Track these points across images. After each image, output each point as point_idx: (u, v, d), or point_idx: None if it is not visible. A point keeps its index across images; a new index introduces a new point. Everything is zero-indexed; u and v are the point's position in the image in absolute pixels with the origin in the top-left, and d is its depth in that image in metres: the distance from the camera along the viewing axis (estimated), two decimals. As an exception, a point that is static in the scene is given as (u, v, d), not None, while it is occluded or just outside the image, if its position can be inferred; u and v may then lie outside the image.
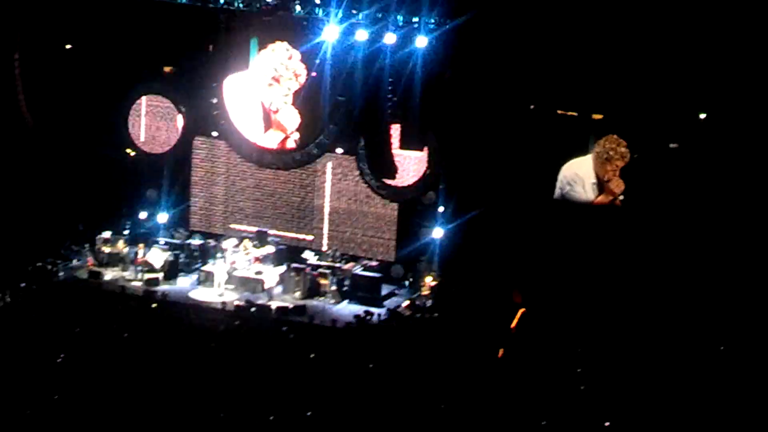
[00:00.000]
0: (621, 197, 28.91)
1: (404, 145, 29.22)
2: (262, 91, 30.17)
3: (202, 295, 28.45)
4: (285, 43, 29.82)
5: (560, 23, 27.84)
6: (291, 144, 30.61)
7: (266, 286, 28.68)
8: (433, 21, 28.58)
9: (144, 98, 31.10)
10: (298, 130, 30.34)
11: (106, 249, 29.93)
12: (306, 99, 30.09)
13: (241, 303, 27.52)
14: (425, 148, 29.15)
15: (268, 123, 30.53)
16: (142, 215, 31.46)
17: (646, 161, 28.63)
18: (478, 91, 28.72)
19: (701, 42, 27.00)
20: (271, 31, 29.93)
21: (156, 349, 22.67)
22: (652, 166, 28.55)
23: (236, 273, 29.06)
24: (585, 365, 22.95)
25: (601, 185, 29.12)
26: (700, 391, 21.49)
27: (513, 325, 26.12)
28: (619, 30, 27.41)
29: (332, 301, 28.57)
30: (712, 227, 27.61)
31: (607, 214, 28.79)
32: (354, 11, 29.01)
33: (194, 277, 29.58)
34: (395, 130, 29.26)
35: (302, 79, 29.83)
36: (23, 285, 26.47)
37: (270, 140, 30.57)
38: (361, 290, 28.72)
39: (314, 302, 28.41)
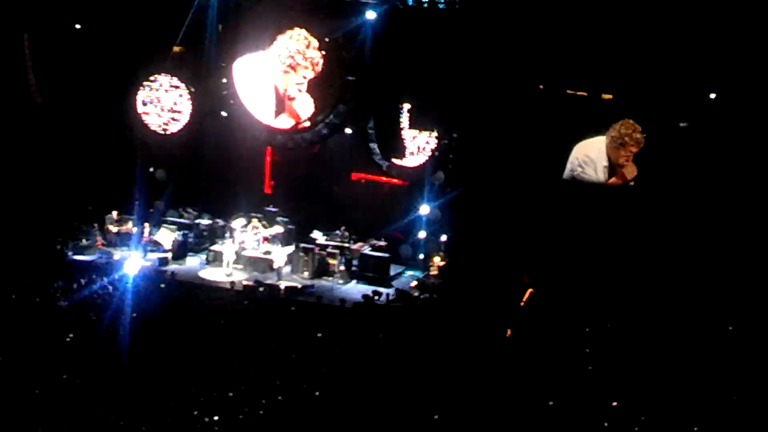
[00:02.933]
0: (632, 183, 28.85)
1: (414, 125, 29.20)
2: (276, 77, 30.06)
3: (210, 274, 28.47)
4: (304, 31, 29.65)
5: (570, 2, 27.72)
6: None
7: (275, 266, 28.69)
8: (443, 0, 28.52)
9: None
10: (309, 118, 30.27)
11: (115, 229, 29.96)
12: (317, 79, 30.06)
13: (250, 283, 27.53)
14: (434, 128, 29.12)
15: (281, 108, 30.41)
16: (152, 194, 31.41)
17: (656, 141, 28.55)
18: (488, 70, 28.62)
19: (711, 21, 26.86)
20: (282, 12, 29.89)
21: (165, 328, 22.73)
22: (662, 146, 28.47)
23: (245, 253, 29.08)
24: (593, 346, 22.94)
25: (613, 168, 29.04)
26: (708, 373, 21.47)
27: (521, 305, 26.11)
28: (628, 9, 27.28)
29: (341, 280, 28.58)
30: (722, 208, 27.53)
31: (616, 194, 28.73)
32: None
33: (203, 256, 29.61)
34: (405, 110, 29.24)
35: (318, 68, 29.68)
36: (32, 265, 26.48)
37: (281, 125, 30.50)
38: (370, 270, 28.73)
39: (323, 282, 28.44)
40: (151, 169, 31.40)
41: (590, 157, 29.15)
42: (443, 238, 29.27)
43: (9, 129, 30.58)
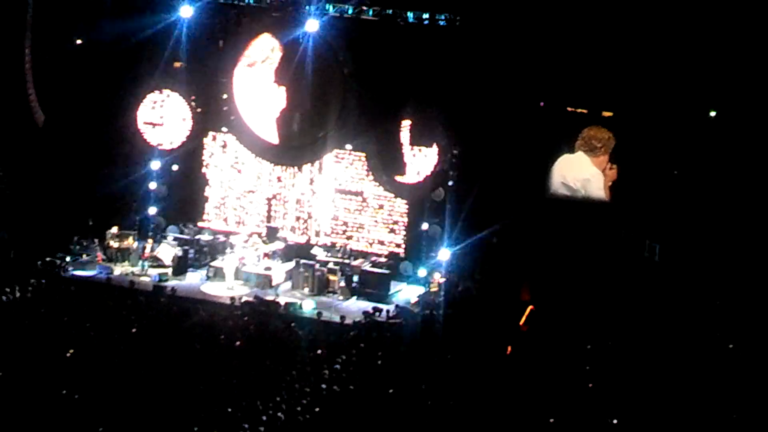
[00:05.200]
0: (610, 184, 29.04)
1: (415, 141, 29.23)
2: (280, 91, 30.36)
3: (211, 290, 28.44)
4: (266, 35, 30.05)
5: (571, 20, 27.78)
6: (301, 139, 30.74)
7: (275, 282, 28.64)
8: (443, 18, 28.58)
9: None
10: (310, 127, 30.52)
11: (115, 244, 29.89)
12: (318, 95, 30.15)
13: (250, 298, 27.48)
14: (435, 145, 29.15)
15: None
16: (152, 210, 31.34)
17: (655, 158, 28.66)
18: (488, 87, 28.66)
19: (712, 40, 26.93)
20: (281, 28, 30.00)
21: (165, 343, 22.72)
22: (660, 162, 28.59)
23: (245, 269, 29.04)
24: (594, 363, 22.92)
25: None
26: (708, 389, 21.44)
27: (522, 322, 26.11)
28: (629, 27, 27.36)
29: (341, 297, 28.55)
30: (719, 225, 27.57)
31: (616, 212, 28.80)
32: (365, 7, 29.02)
33: (203, 272, 29.56)
34: (406, 127, 29.28)
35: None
36: (33, 280, 26.47)
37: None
38: (370, 286, 28.69)
39: (323, 298, 28.40)
40: (152, 186, 31.38)
41: (589, 179, 29.22)
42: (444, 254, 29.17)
43: (10, 145, 30.57)
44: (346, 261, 29.54)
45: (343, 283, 28.79)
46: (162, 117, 30.95)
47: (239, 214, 31.61)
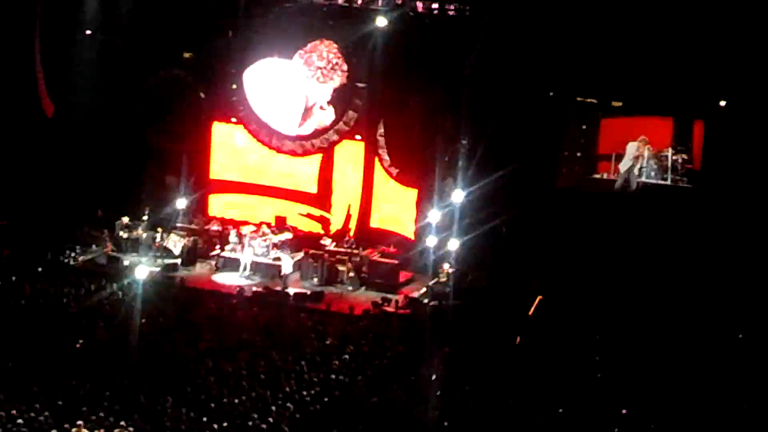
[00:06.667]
0: None
1: (424, 131, 29.22)
2: (309, 86, 30.23)
3: (223, 280, 28.47)
4: (331, 42, 29.88)
5: (581, 9, 27.69)
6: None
7: (284, 273, 28.64)
8: (453, 8, 28.53)
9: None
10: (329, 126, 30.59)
11: (125, 234, 29.90)
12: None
13: (259, 289, 27.49)
14: (445, 135, 29.12)
15: (306, 116, 30.64)
16: (162, 201, 31.34)
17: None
18: (499, 78, 28.61)
19: (720, 30, 26.83)
20: (291, 19, 29.95)
21: (174, 333, 22.76)
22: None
23: (254, 259, 29.04)
24: (602, 353, 22.92)
25: None
26: (718, 380, 21.43)
27: (530, 312, 26.10)
28: (638, 16, 27.27)
29: (350, 287, 28.53)
30: (731, 216, 27.53)
31: (622, 203, 28.80)
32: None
33: (213, 263, 29.56)
34: (415, 117, 29.26)
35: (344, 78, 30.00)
36: (42, 270, 26.53)
37: (305, 132, 30.77)
38: (379, 277, 28.67)
39: (332, 288, 28.39)
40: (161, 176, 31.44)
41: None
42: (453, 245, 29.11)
43: (21, 135, 30.62)
44: (355, 251, 29.51)
45: (352, 274, 28.78)
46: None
47: (248, 204, 31.63)
